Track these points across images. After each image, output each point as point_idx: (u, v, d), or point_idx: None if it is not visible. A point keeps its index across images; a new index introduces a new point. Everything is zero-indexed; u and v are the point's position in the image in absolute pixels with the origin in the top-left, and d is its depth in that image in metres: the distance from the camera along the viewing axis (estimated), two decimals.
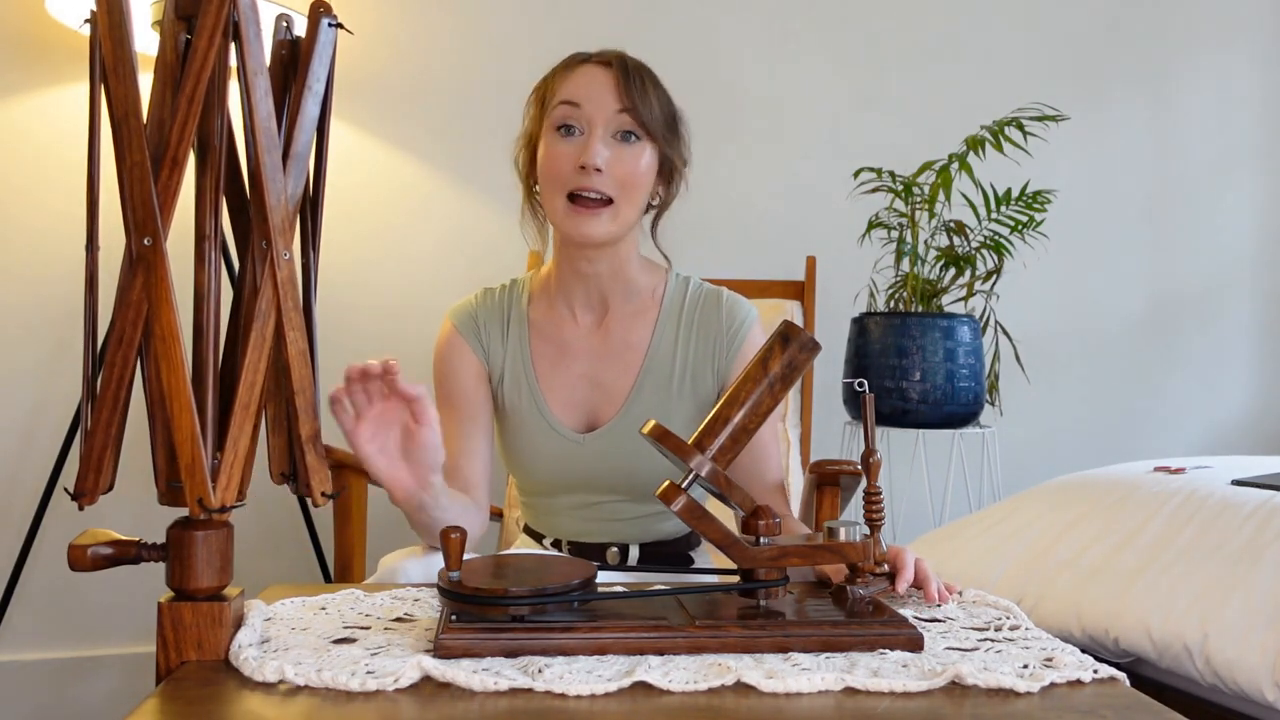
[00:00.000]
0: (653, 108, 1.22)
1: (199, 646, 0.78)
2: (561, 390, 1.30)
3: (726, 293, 1.33)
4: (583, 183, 1.19)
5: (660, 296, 1.33)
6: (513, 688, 0.73)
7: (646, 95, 1.22)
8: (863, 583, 0.90)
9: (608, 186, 1.19)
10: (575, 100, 1.20)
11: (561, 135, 1.21)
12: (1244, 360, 2.92)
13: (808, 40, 2.59)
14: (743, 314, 1.31)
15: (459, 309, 1.34)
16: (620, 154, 1.21)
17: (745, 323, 1.30)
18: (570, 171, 1.19)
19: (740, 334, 1.29)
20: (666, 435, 0.87)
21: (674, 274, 1.35)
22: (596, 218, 1.20)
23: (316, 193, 0.89)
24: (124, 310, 0.77)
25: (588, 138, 1.20)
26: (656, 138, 1.23)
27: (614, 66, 1.22)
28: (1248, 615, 1.37)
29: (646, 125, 1.22)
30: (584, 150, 1.19)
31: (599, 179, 1.19)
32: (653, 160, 1.24)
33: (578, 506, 1.33)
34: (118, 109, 0.76)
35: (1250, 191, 2.90)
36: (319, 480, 0.85)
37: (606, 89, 1.21)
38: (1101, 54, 2.77)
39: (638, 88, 1.21)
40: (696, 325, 1.31)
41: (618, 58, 1.24)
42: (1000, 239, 2.25)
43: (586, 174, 1.19)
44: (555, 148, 1.21)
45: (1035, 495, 1.91)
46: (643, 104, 1.21)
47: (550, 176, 1.22)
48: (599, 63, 1.23)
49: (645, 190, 1.25)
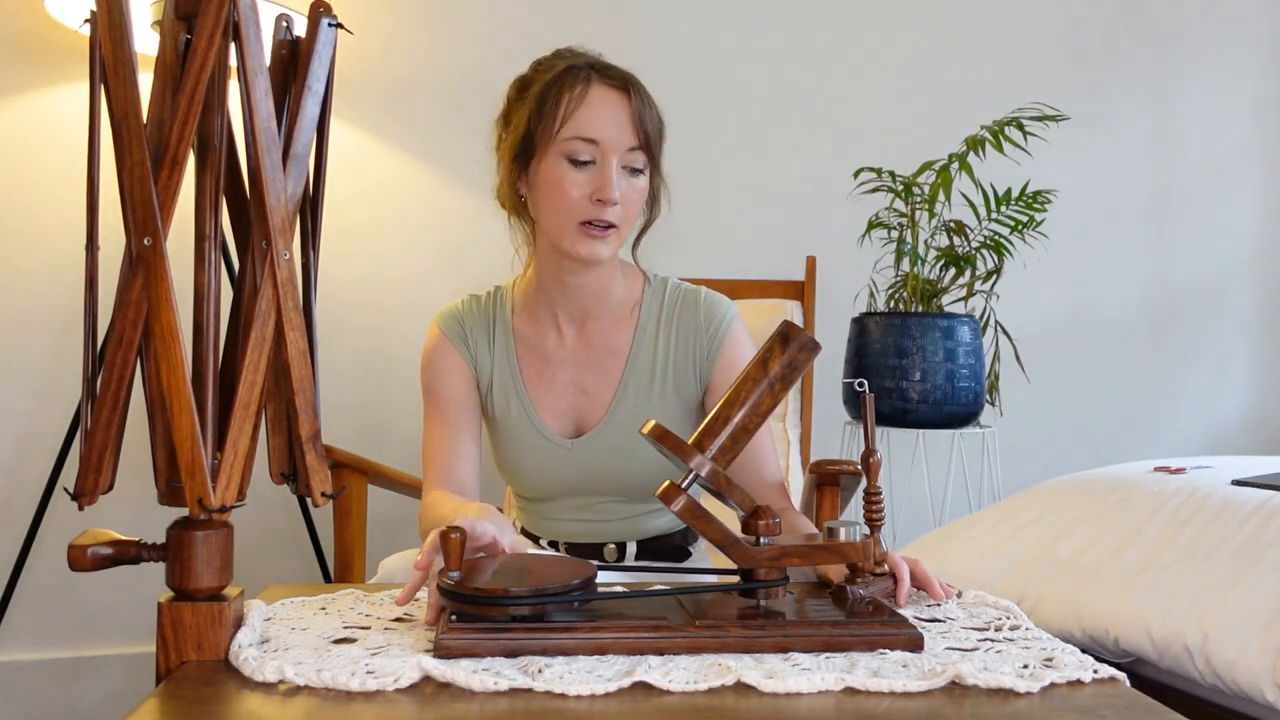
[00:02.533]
0: (659, 135, 1.24)
1: (199, 646, 0.78)
2: (549, 398, 1.31)
3: (705, 292, 1.33)
4: (597, 214, 1.19)
5: (639, 300, 1.33)
6: (513, 688, 0.73)
7: (655, 122, 1.23)
8: (863, 583, 0.90)
9: (616, 216, 1.21)
10: (594, 136, 1.19)
11: (574, 166, 1.20)
12: (1244, 360, 2.92)
13: (807, 40, 2.59)
14: (721, 312, 1.31)
15: (446, 315, 1.34)
16: (629, 186, 1.22)
17: (724, 321, 1.30)
18: (583, 201, 1.19)
19: (720, 333, 1.30)
20: (666, 435, 0.87)
21: (652, 276, 1.35)
22: (604, 242, 1.21)
23: (316, 193, 0.89)
24: (124, 310, 0.77)
25: (602, 169, 1.19)
26: (657, 164, 1.25)
27: (629, 97, 1.21)
28: (1248, 615, 1.37)
29: (654, 155, 1.24)
30: (604, 184, 1.18)
31: (612, 211, 1.20)
32: (649, 184, 1.26)
33: (571, 509, 1.34)
34: (118, 109, 0.76)
35: (1250, 191, 2.90)
36: (319, 480, 0.85)
37: (623, 122, 1.20)
38: (1101, 54, 2.77)
39: (648, 117, 1.22)
40: (676, 327, 1.31)
41: (628, 83, 1.22)
42: (1000, 239, 2.25)
43: (604, 208, 1.19)
44: (567, 175, 1.20)
45: (1035, 495, 1.91)
46: (653, 135, 1.22)
47: (560, 204, 1.20)
48: (609, 84, 1.21)
49: (640, 213, 1.27)
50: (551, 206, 1.21)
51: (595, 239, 1.20)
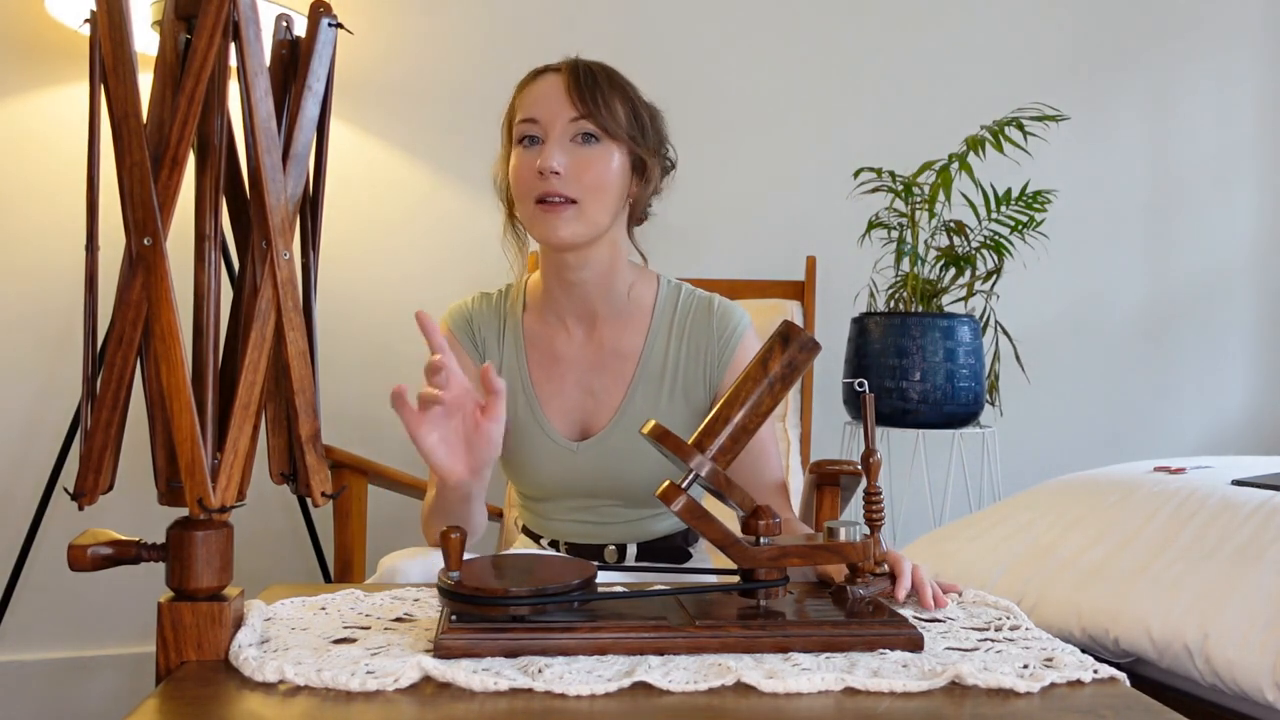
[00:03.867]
0: (613, 108, 1.22)
1: (199, 646, 0.78)
2: (557, 399, 1.31)
3: (718, 300, 1.33)
4: (544, 187, 1.20)
5: (651, 305, 1.33)
6: (513, 688, 0.73)
7: (601, 97, 1.22)
8: (863, 583, 0.90)
9: (569, 189, 1.20)
10: (532, 116, 1.22)
11: (524, 147, 1.23)
12: (1244, 360, 2.92)
13: (807, 40, 2.59)
14: (734, 321, 1.30)
15: (455, 312, 1.35)
16: (581, 157, 1.21)
17: (737, 331, 1.30)
18: (532, 178, 1.21)
19: (732, 342, 1.29)
20: (666, 435, 0.87)
21: (665, 281, 1.35)
22: (560, 217, 1.20)
23: (316, 193, 0.89)
24: (124, 310, 0.77)
25: (545, 144, 1.21)
26: (619, 138, 1.23)
27: (564, 73, 1.23)
28: (1248, 615, 1.37)
29: (605, 127, 1.21)
30: (541, 155, 1.20)
31: (559, 182, 1.19)
32: (622, 161, 1.24)
33: (574, 510, 1.34)
34: (118, 109, 0.76)
35: (1250, 191, 2.90)
36: (319, 480, 0.85)
37: (559, 97, 1.21)
38: (1101, 54, 2.77)
39: (589, 89, 1.21)
40: (688, 334, 1.30)
41: (570, 65, 1.24)
42: (1000, 239, 2.25)
43: (545, 179, 1.19)
44: (518, 159, 1.23)
45: (1035, 495, 1.91)
46: (597, 106, 1.21)
47: (516, 187, 1.24)
48: (552, 71, 1.24)
49: (615, 191, 1.24)
50: (516, 196, 1.25)
51: (549, 213, 1.20)
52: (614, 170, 1.23)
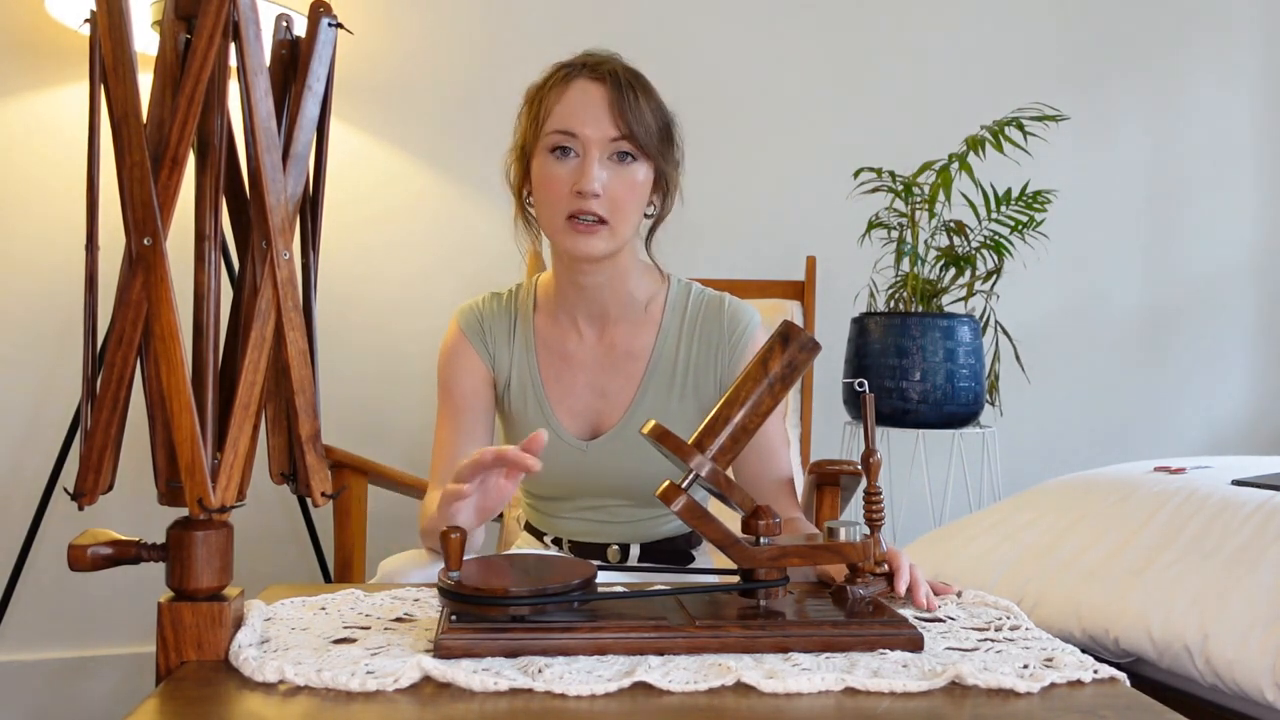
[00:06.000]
0: (648, 125, 1.21)
1: (199, 646, 0.78)
2: (567, 399, 1.30)
3: (729, 299, 1.33)
4: (580, 206, 1.18)
5: (661, 305, 1.32)
6: (513, 688, 0.73)
7: (641, 113, 1.20)
8: (863, 583, 0.90)
9: (603, 208, 1.19)
10: (570, 129, 1.18)
11: (557, 158, 1.20)
12: (1244, 360, 2.92)
13: (807, 40, 2.59)
14: (744, 321, 1.30)
15: (466, 311, 1.34)
16: (616, 175, 1.20)
17: (748, 330, 1.30)
18: (567, 194, 1.19)
19: (742, 341, 1.29)
20: (666, 435, 0.87)
21: (675, 281, 1.35)
22: (594, 237, 1.19)
23: (316, 193, 0.89)
24: (124, 310, 0.77)
25: (583, 161, 1.18)
26: (651, 155, 1.22)
27: (608, 84, 1.19)
28: (1248, 615, 1.37)
29: (642, 145, 1.20)
30: (581, 176, 1.18)
31: (596, 203, 1.18)
32: (648, 176, 1.23)
33: (581, 510, 1.34)
34: (118, 109, 0.76)
35: (1250, 191, 2.90)
36: (319, 480, 0.85)
37: (601, 112, 1.18)
38: (1101, 54, 2.77)
39: (632, 107, 1.19)
40: (699, 333, 1.30)
41: (610, 72, 1.21)
42: (1000, 239, 2.25)
43: (584, 199, 1.18)
44: (551, 170, 1.20)
45: (1035, 495, 1.91)
46: (637, 124, 1.19)
47: (547, 199, 1.21)
48: (592, 78, 1.20)
49: (640, 205, 1.24)
50: (541, 202, 1.23)
51: (581, 234, 1.19)
52: (641, 185, 1.22)
